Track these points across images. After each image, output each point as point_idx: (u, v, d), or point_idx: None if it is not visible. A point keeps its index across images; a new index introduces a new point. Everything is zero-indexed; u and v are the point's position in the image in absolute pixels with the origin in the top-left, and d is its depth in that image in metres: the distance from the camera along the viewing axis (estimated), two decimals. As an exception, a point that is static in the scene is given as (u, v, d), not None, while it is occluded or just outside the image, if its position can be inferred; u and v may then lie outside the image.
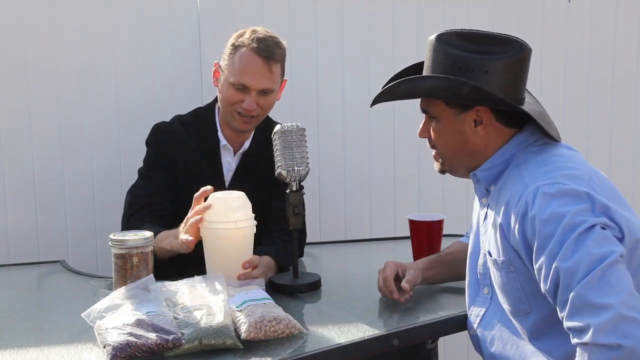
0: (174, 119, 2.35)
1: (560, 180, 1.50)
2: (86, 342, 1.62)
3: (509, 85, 1.62)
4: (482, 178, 1.70)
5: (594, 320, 1.37)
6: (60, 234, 2.74)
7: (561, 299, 1.44)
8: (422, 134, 1.75)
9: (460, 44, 1.63)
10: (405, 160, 3.02)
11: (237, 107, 2.20)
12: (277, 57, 2.20)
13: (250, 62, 2.17)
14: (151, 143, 2.31)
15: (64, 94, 2.69)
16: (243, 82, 2.17)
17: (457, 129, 1.67)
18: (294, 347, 1.58)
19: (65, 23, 2.66)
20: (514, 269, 1.59)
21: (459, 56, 1.62)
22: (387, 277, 1.86)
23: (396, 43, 2.95)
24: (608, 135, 3.18)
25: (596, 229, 1.44)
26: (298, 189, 1.96)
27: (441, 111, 1.68)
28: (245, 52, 2.17)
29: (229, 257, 1.88)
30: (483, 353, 1.75)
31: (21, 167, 2.68)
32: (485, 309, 1.74)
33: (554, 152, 1.62)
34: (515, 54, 1.62)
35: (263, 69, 2.17)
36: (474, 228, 1.83)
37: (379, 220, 3.02)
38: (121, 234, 1.81)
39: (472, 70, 1.60)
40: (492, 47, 1.62)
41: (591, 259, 1.41)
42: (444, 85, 1.61)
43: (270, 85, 2.20)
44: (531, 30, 2.99)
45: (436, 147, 1.74)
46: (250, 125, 2.26)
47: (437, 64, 1.65)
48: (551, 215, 1.46)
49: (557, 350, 1.57)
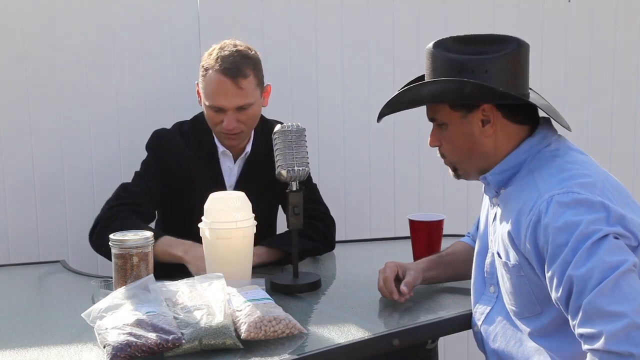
0: (175, 126, 2.37)
1: (574, 189, 1.50)
2: (86, 342, 1.61)
3: (510, 81, 1.62)
4: (492, 181, 1.69)
5: (607, 328, 1.37)
6: (60, 234, 2.74)
7: (573, 306, 1.44)
8: (433, 143, 1.74)
9: (457, 48, 1.64)
10: (405, 160, 3.02)
11: (219, 127, 2.23)
12: (245, 72, 2.18)
13: (219, 84, 2.18)
14: (150, 149, 2.34)
15: (64, 94, 2.69)
16: (216, 105, 2.19)
17: (466, 132, 1.66)
18: (294, 347, 1.58)
19: (65, 23, 2.66)
20: (524, 273, 1.59)
21: (457, 59, 1.62)
22: (387, 278, 1.86)
23: (396, 42, 2.95)
24: (608, 135, 3.18)
25: (609, 238, 1.44)
26: (298, 188, 1.96)
27: (447, 116, 1.67)
28: (212, 74, 2.19)
29: (229, 257, 1.88)
30: (486, 350, 1.75)
31: (21, 166, 2.68)
32: (491, 307, 1.74)
33: (567, 158, 1.61)
34: (512, 51, 1.62)
35: (231, 88, 2.17)
36: (482, 227, 1.83)
37: (379, 220, 3.02)
38: (121, 234, 1.80)
39: (472, 71, 1.60)
40: (488, 47, 1.62)
41: (604, 267, 1.41)
42: (446, 88, 1.62)
43: (244, 101, 2.20)
44: (531, 30, 2.99)
45: (446, 155, 1.73)
46: (238, 141, 2.28)
47: (437, 70, 1.65)
48: (565, 224, 1.46)
49: (562, 350, 1.57)
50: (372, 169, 3.00)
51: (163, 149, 2.30)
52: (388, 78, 2.94)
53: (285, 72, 2.86)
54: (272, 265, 2.18)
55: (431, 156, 1.79)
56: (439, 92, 1.63)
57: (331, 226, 2.40)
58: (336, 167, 2.97)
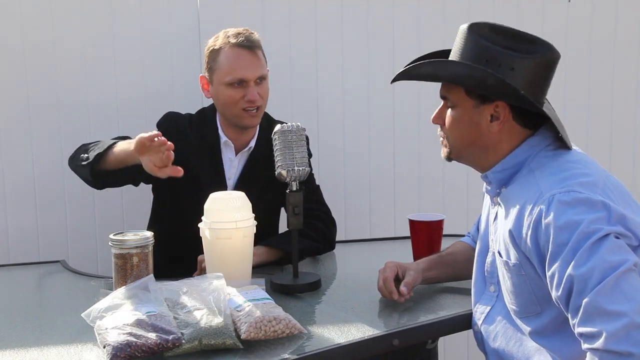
0: (186, 114, 2.39)
1: (576, 189, 1.50)
2: (86, 342, 1.61)
3: (532, 85, 1.61)
4: (493, 180, 1.69)
5: (607, 327, 1.37)
6: (60, 234, 2.74)
7: (574, 305, 1.44)
8: (436, 120, 1.73)
9: (491, 36, 1.62)
10: (405, 160, 3.01)
11: (242, 104, 2.22)
12: (257, 44, 2.25)
13: (238, 56, 2.21)
14: (159, 127, 2.31)
15: (64, 95, 2.69)
16: (239, 77, 2.20)
17: (474, 121, 1.65)
18: (294, 347, 1.58)
19: (65, 23, 2.66)
20: (525, 272, 1.59)
21: (488, 48, 1.60)
22: (387, 278, 1.86)
23: (396, 42, 2.95)
24: (608, 135, 3.18)
25: (610, 237, 1.44)
26: (298, 188, 1.96)
27: (461, 100, 1.66)
28: (227, 50, 2.21)
29: (229, 257, 1.88)
30: (486, 350, 1.75)
31: (21, 167, 2.68)
32: (491, 307, 1.74)
33: (568, 157, 1.61)
34: (544, 56, 1.61)
35: (251, 58, 2.22)
36: (482, 226, 1.83)
37: (379, 220, 3.02)
38: (121, 234, 1.81)
39: (499, 64, 1.59)
40: (521, 45, 1.61)
41: (605, 267, 1.41)
42: (470, 74, 1.60)
43: (263, 71, 2.25)
44: (531, 30, 2.94)
45: (448, 136, 1.71)
46: (258, 118, 2.29)
47: (465, 52, 1.63)
48: (566, 223, 1.46)
49: (563, 349, 1.57)
50: (372, 169, 3.00)
51: (171, 129, 2.28)
52: (388, 78, 2.92)
53: (285, 72, 2.86)
54: (272, 265, 2.18)
55: (431, 156, 1.79)
56: (462, 76, 1.62)
57: (332, 226, 2.40)
58: (336, 167, 2.96)
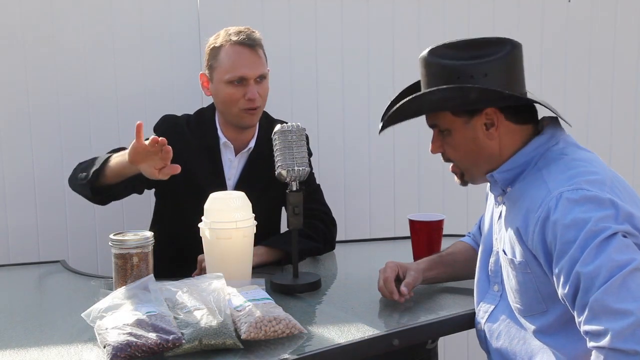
0: (184, 115, 2.39)
1: (583, 187, 1.50)
2: (86, 342, 1.61)
3: (510, 82, 1.62)
4: (499, 180, 1.69)
5: (613, 326, 1.37)
6: (60, 234, 2.74)
7: (580, 303, 1.44)
8: (435, 150, 1.74)
9: (452, 54, 1.63)
10: (405, 160, 3.02)
11: (241, 103, 2.22)
12: (259, 43, 2.24)
13: (239, 54, 2.20)
14: (156, 131, 2.32)
15: (64, 95, 2.69)
16: (240, 75, 2.20)
17: (470, 137, 1.66)
18: (294, 347, 1.58)
19: (65, 23, 2.66)
20: (531, 270, 1.59)
21: (454, 66, 1.62)
22: (388, 278, 1.86)
23: (396, 42, 2.95)
24: (608, 135, 3.18)
25: (618, 236, 1.44)
26: (298, 188, 1.96)
27: (450, 122, 1.67)
28: (228, 48, 2.21)
29: (229, 257, 1.88)
30: (489, 348, 1.75)
31: (21, 167, 2.68)
32: (495, 306, 1.74)
33: (575, 156, 1.62)
34: (508, 52, 1.62)
35: (252, 56, 2.21)
36: (486, 226, 1.83)
37: (379, 220, 3.02)
38: (121, 234, 1.81)
39: (471, 76, 1.60)
40: (483, 51, 1.62)
41: (612, 265, 1.41)
42: (451, 95, 1.61)
43: (263, 70, 2.24)
44: (531, 30, 2.99)
45: (452, 160, 1.73)
46: (257, 117, 2.28)
47: (435, 78, 1.64)
48: (574, 221, 1.46)
49: (568, 347, 1.57)
50: (372, 169, 3.00)
51: (169, 131, 2.28)
52: (388, 78, 2.94)
53: (285, 72, 2.86)
54: (272, 265, 2.18)
55: (431, 156, 1.78)
56: (445, 100, 1.62)
57: (332, 226, 2.40)
58: (336, 167, 2.96)
